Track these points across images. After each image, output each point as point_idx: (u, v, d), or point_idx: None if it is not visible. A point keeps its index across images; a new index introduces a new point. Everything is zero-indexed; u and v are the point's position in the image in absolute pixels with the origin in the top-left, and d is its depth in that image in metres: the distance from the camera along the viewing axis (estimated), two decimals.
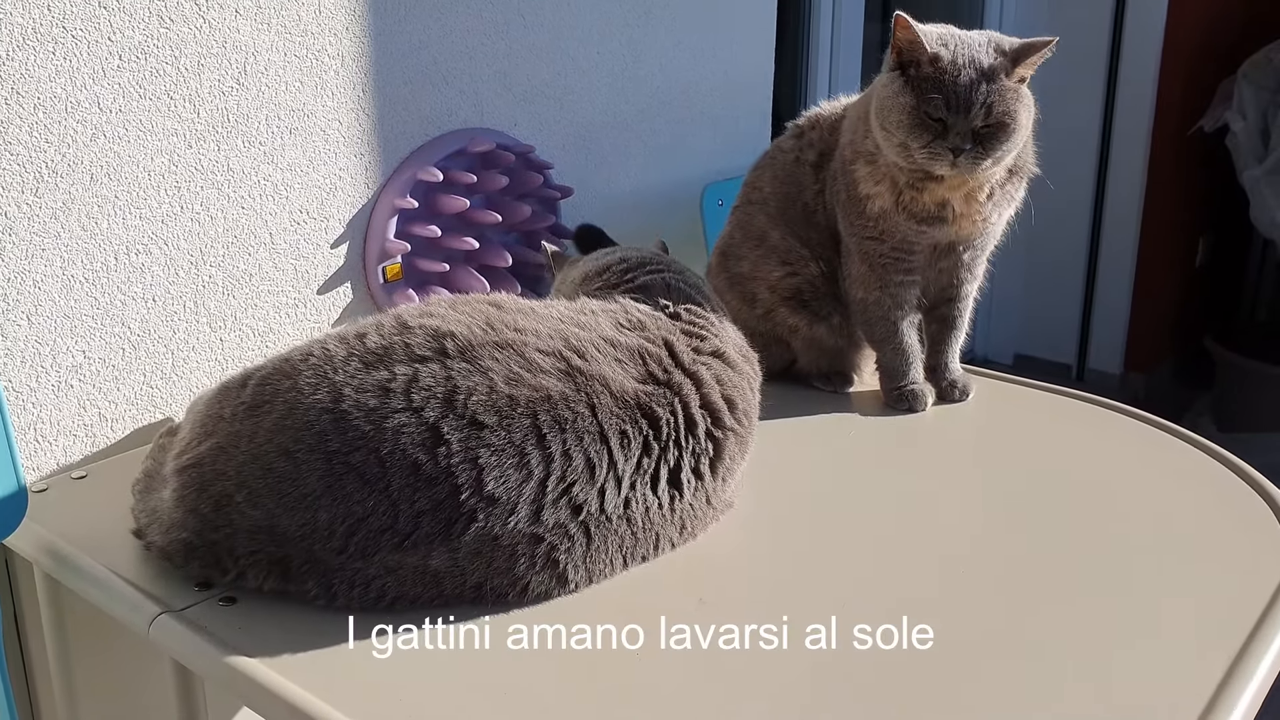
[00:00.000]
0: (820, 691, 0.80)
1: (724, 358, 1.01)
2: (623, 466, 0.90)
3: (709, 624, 0.88)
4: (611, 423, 0.90)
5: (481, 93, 1.50)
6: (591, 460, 0.88)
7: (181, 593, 0.89)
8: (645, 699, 0.79)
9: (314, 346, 0.92)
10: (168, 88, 1.17)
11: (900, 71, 1.14)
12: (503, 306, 0.97)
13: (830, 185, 1.27)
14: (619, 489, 0.90)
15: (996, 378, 1.38)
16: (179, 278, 1.22)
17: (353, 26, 1.33)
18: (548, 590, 0.88)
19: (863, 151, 1.21)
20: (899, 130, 1.14)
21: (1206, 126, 3.26)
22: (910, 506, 1.08)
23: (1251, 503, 1.07)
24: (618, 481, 0.90)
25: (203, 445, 0.90)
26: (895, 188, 1.20)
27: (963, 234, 1.21)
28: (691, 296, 1.07)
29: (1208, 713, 0.75)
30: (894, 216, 1.21)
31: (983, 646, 0.85)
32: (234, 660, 0.81)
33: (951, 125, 1.12)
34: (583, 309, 1.00)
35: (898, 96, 1.13)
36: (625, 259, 1.12)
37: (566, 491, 0.87)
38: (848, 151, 1.24)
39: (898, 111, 1.13)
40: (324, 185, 1.34)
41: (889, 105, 1.14)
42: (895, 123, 1.14)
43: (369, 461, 0.84)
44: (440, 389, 0.86)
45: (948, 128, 1.12)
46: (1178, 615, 0.89)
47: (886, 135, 1.15)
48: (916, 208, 1.19)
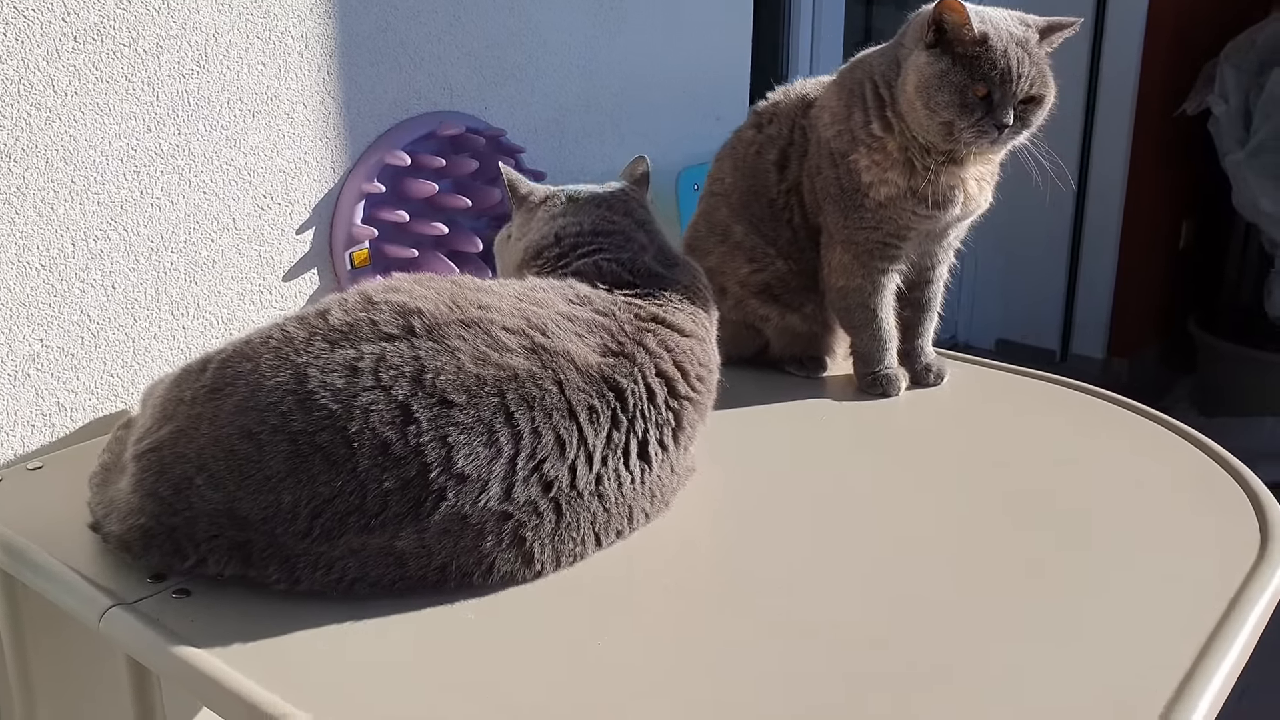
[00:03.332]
0: (783, 677, 0.78)
1: (668, 324, 0.99)
2: (593, 441, 0.89)
3: (672, 611, 0.87)
4: (579, 398, 0.89)
5: (451, 75, 1.48)
6: (561, 437, 0.88)
7: (135, 586, 0.87)
8: (607, 689, 0.78)
9: (274, 329, 0.90)
10: (125, 70, 1.15)
11: (941, 49, 1.12)
12: (462, 284, 0.96)
13: (810, 180, 1.25)
14: (590, 465, 0.89)
15: (971, 362, 1.37)
16: (139, 264, 1.20)
17: (317, 8, 1.30)
18: (513, 571, 0.87)
19: (862, 139, 1.18)
20: (947, 109, 1.11)
21: (1189, 110, 3.25)
22: (880, 491, 1.07)
23: (1227, 487, 1.06)
24: (589, 457, 0.89)
25: (162, 429, 0.89)
26: (910, 173, 1.17)
27: (965, 215, 1.20)
28: (625, 278, 1.04)
29: (1176, 698, 0.74)
30: (901, 203, 1.18)
31: (946, 631, 0.84)
32: (181, 652, 0.79)
33: (999, 102, 1.11)
34: (534, 287, 0.99)
35: (946, 75, 1.10)
36: (561, 238, 1.09)
37: (538, 468, 0.86)
38: (839, 143, 1.21)
39: (948, 91, 1.10)
40: (288, 170, 1.32)
41: (935, 84, 1.11)
42: (944, 102, 1.11)
43: (336, 441, 0.83)
44: (409, 368, 0.85)
45: (994, 104, 1.11)
46: (1149, 599, 0.88)
47: (930, 114, 1.12)
48: (930, 191, 1.17)
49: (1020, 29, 1.12)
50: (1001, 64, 1.10)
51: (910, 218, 1.19)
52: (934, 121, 1.12)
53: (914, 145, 1.16)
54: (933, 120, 1.12)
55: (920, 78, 1.12)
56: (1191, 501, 1.05)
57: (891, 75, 1.16)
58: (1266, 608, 0.86)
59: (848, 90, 1.20)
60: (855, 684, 0.78)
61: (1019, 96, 1.11)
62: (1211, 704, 0.75)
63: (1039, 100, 1.14)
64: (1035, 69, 1.12)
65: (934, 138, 1.14)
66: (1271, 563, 0.91)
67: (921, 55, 1.12)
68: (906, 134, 1.15)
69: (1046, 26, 1.14)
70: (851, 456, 1.15)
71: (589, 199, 1.12)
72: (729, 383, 1.26)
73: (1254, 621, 0.84)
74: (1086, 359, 3.76)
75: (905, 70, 1.14)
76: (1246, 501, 1.02)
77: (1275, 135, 2.99)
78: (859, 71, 1.20)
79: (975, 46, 1.10)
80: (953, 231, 1.25)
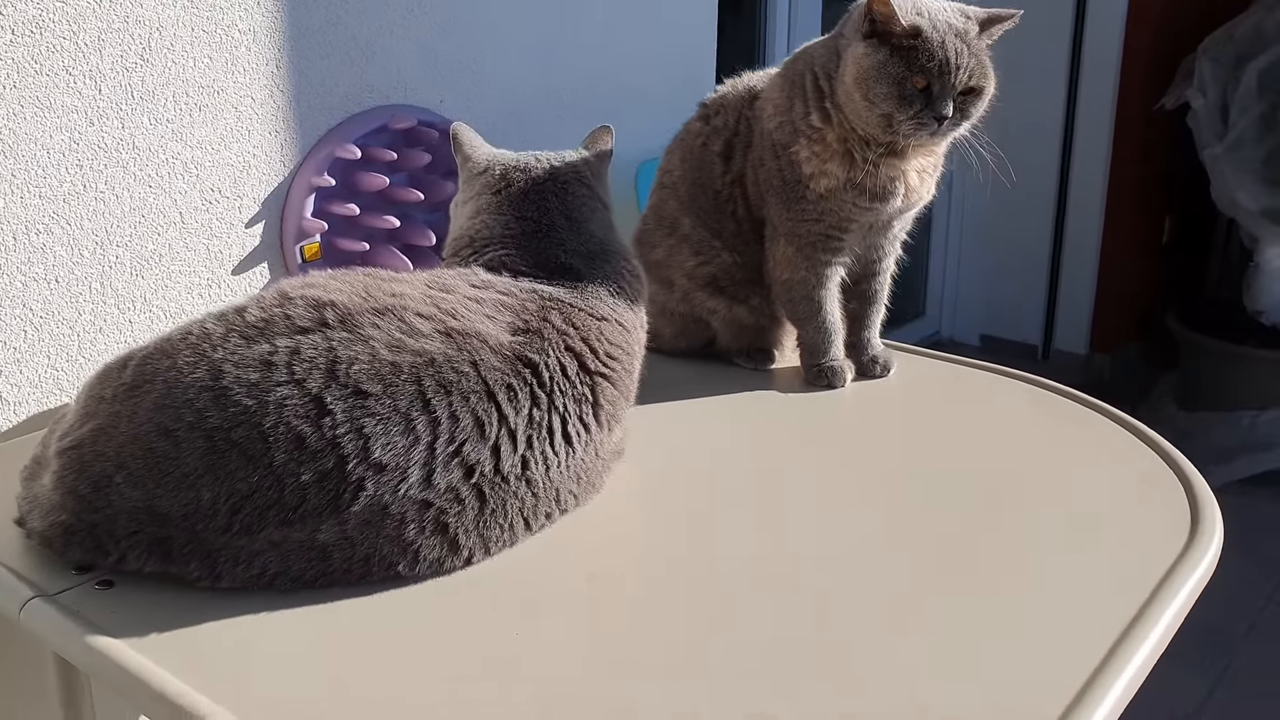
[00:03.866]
0: (703, 668, 0.78)
1: (570, 304, 0.99)
2: (514, 420, 0.89)
3: (596, 601, 0.87)
4: (496, 378, 0.89)
5: (405, 69, 1.48)
6: (481, 419, 0.88)
7: (58, 578, 0.87)
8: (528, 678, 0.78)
9: (193, 325, 0.91)
10: (66, 64, 1.15)
11: (878, 40, 1.11)
12: (377, 275, 0.96)
13: (753, 172, 1.25)
14: (515, 447, 0.89)
15: (920, 354, 1.37)
16: (84, 258, 1.20)
17: (265, 1, 1.30)
18: (439, 558, 0.87)
19: (803, 130, 1.18)
20: (886, 101, 1.10)
21: (1168, 104, 3.25)
22: (815, 479, 1.07)
23: (1165, 479, 1.06)
24: (512, 438, 0.89)
25: (84, 427, 0.89)
26: (850, 164, 1.17)
27: (907, 207, 1.20)
28: (525, 270, 1.03)
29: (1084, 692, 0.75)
30: (842, 195, 1.18)
31: (857, 621, 0.84)
32: (97, 643, 0.79)
33: (938, 94, 1.11)
34: (439, 274, 1.00)
35: (884, 67, 1.10)
36: (474, 239, 1.08)
37: (457, 453, 0.86)
38: (780, 134, 1.20)
39: (886, 82, 1.10)
40: (237, 163, 1.32)
41: (874, 76, 1.10)
42: (882, 94, 1.10)
43: (251, 437, 0.83)
44: (323, 359, 0.85)
45: (933, 96, 1.10)
46: (1071, 589, 0.88)
47: (869, 106, 1.12)
48: (870, 183, 1.17)
49: (960, 20, 1.12)
50: (939, 56, 1.09)
51: (851, 209, 1.19)
52: (873, 113, 1.12)
53: (853, 137, 1.15)
54: (871, 112, 1.12)
55: (858, 69, 1.11)
56: (1128, 492, 1.05)
57: (831, 66, 1.16)
58: (1186, 601, 0.87)
59: (790, 81, 1.20)
60: (749, 673, 0.78)
61: (958, 88, 1.11)
62: (1123, 692, 0.76)
63: (978, 92, 1.14)
64: (974, 60, 1.11)
65: (873, 129, 1.13)
66: (1194, 557, 0.91)
67: (859, 46, 1.12)
68: (846, 125, 1.15)
69: (986, 19, 1.13)
70: (790, 446, 1.15)
71: (517, 194, 1.09)
72: (676, 373, 1.26)
73: (1172, 613, 0.84)
74: (1069, 354, 3.76)
75: (844, 61, 1.13)
76: (1183, 493, 1.02)
77: (1252, 129, 2.99)
78: (801, 63, 1.20)
79: (909, 39, 1.09)
80: (897, 224, 1.25)
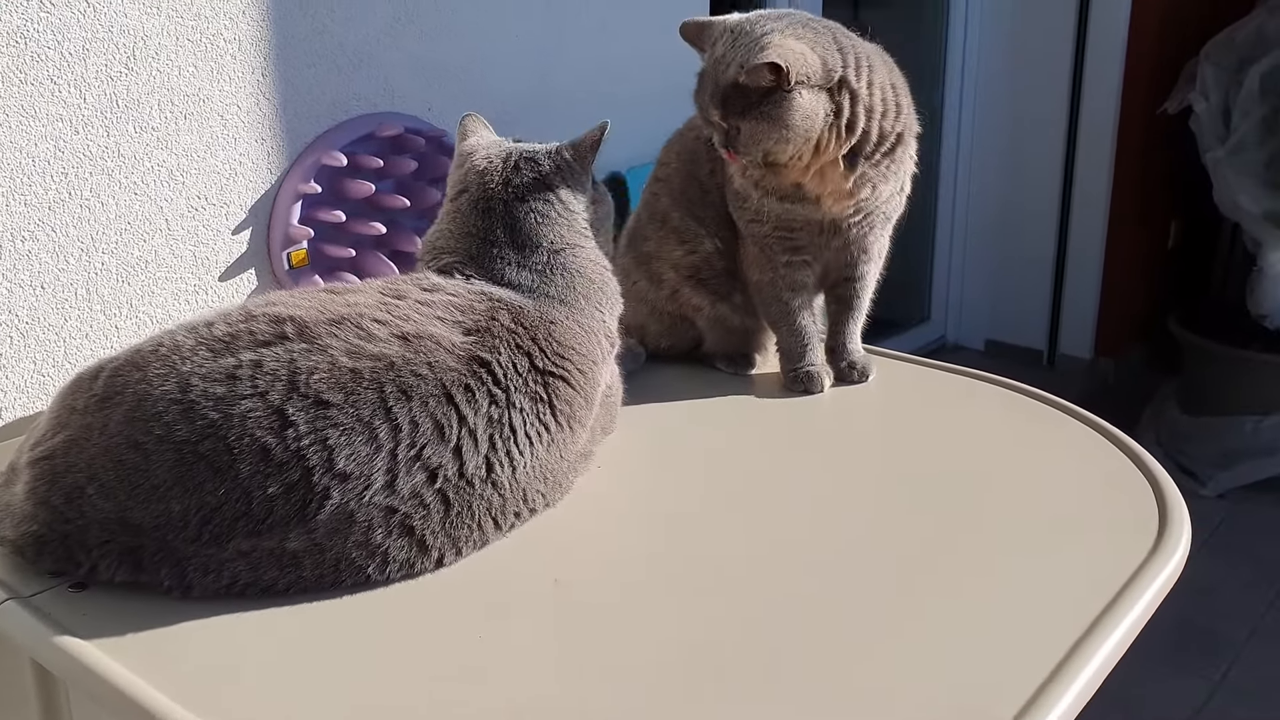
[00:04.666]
0: (669, 672, 0.79)
1: (513, 305, 0.99)
2: (474, 420, 0.90)
3: (561, 605, 0.88)
4: (452, 378, 0.90)
5: (392, 77, 1.49)
6: (440, 422, 0.88)
7: (32, 580, 0.88)
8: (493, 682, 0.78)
9: (165, 337, 0.92)
10: (50, 73, 1.16)
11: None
12: (334, 290, 0.98)
13: (723, 167, 1.26)
14: (477, 447, 0.90)
15: (901, 359, 1.37)
16: (69, 264, 1.21)
17: (250, 10, 1.32)
18: (409, 559, 0.88)
19: None
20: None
21: (1170, 108, 3.24)
22: (792, 486, 1.07)
23: (1134, 481, 1.05)
24: (473, 438, 0.90)
25: (56, 437, 0.90)
26: (744, 167, 1.19)
27: (835, 211, 1.19)
28: (476, 277, 1.03)
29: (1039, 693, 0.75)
30: (755, 195, 1.20)
31: (831, 627, 0.84)
32: (66, 644, 0.80)
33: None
34: (394, 280, 1.01)
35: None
36: (434, 246, 1.08)
37: (418, 457, 0.87)
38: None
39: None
40: (223, 171, 1.33)
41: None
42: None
43: (218, 450, 0.84)
44: (283, 371, 0.86)
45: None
46: (1037, 592, 0.88)
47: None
48: (771, 186, 1.18)
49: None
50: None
51: (778, 210, 1.20)
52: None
53: None
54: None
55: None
56: (1099, 498, 1.05)
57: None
58: (1151, 601, 0.87)
59: None
60: (715, 676, 0.78)
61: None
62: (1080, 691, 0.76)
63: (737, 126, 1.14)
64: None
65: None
66: (1161, 558, 0.91)
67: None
68: None
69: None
70: (766, 451, 1.16)
71: (467, 205, 1.07)
72: (657, 378, 1.27)
73: (1136, 614, 0.84)
74: (1074, 359, 3.75)
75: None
76: (1153, 499, 1.02)
77: (1254, 132, 2.98)
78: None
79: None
80: (853, 228, 1.23)
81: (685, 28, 1.19)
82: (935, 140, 3.62)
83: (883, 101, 1.14)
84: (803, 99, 1.09)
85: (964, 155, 3.74)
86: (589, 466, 1.04)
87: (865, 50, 1.15)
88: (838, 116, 1.12)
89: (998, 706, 0.74)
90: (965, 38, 3.59)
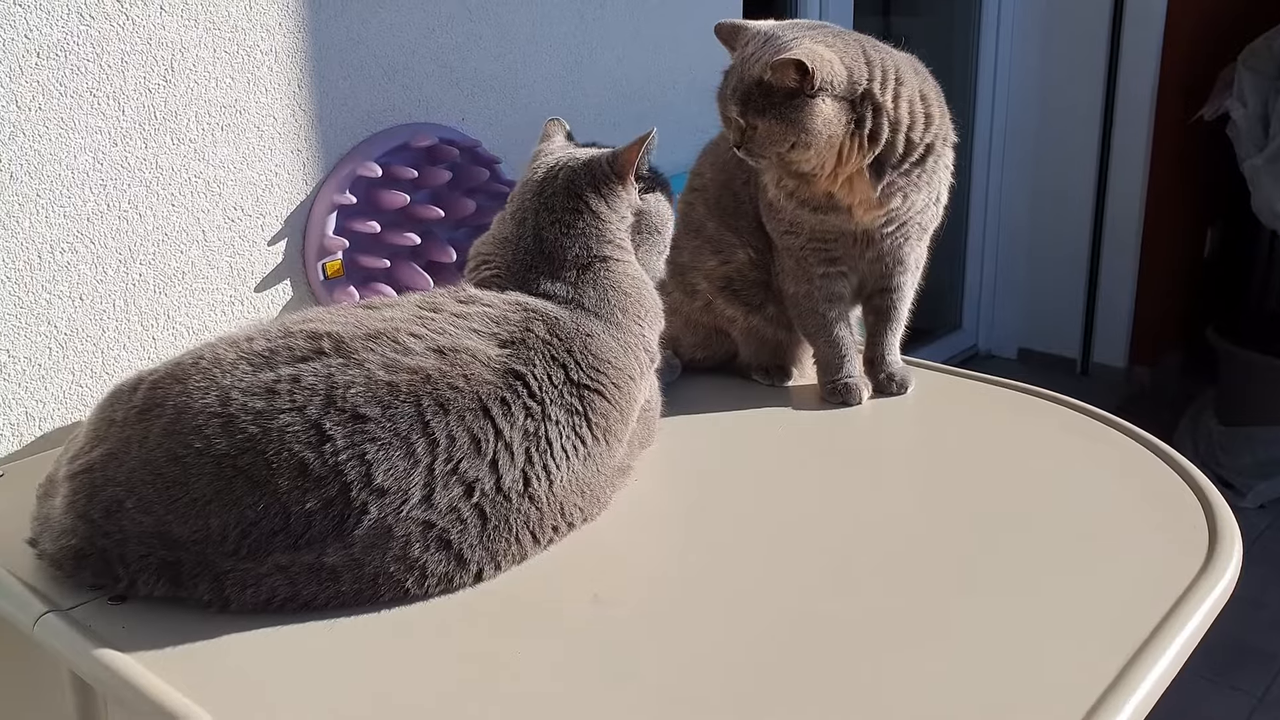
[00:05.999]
0: (711, 693, 0.78)
1: (550, 316, 0.98)
2: (509, 434, 0.90)
3: (602, 621, 0.87)
4: (488, 391, 0.90)
5: (426, 87, 1.49)
6: (476, 435, 0.88)
7: (72, 593, 0.88)
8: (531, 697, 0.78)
9: (205, 350, 0.92)
10: (90, 85, 1.17)
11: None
12: (371, 305, 0.98)
13: (757, 177, 1.25)
14: (513, 460, 0.89)
15: (938, 370, 1.35)
16: (107, 276, 1.22)
17: (285, 22, 1.32)
18: (447, 573, 0.87)
19: None
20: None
21: (1207, 115, 3.20)
22: (833, 500, 1.06)
23: (1185, 500, 1.03)
24: (509, 452, 0.89)
25: (94, 451, 0.90)
26: (778, 177, 1.18)
27: (865, 221, 1.18)
28: (512, 288, 1.03)
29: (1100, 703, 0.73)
30: (789, 206, 1.20)
31: (877, 644, 0.83)
32: (106, 657, 0.80)
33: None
34: (431, 294, 1.01)
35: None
36: (479, 253, 1.09)
37: (455, 470, 0.87)
38: None
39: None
40: (259, 182, 1.33)
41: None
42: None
43: (257, 464, 0.84)
44: (321, 386, 0.86)
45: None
46: (1086, 610, 0.87)
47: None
48: (805, 196, 1.17)
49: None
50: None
51: (811, 221, 1.19)
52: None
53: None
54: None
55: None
56: (1147, 511, 1.03)
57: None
58: (1202, 621, 0.85)
59: None
60: (781, 684, 0.77)
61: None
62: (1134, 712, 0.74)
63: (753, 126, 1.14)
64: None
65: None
66: (1211, 577, 0.89)
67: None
68: None
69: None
70: (805, 464, 1.14)
71: (509, 216, 1.09)
72: (693, 391, 1.26)
73: (1187, 633, 0.83)
74: (1108, 368, 3.71)
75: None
76: (1201, 514, 1.00)
77: None
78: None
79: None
80: (890, 240, 1.22)
81: (720, 28, 1.19)
82: (967, 148, 3.60)
83: (910, 113, 1.13)
84: (824, 106, 1.09)
85: (995, 162, 3.72)
86: (627, 481, 1.03)
87: (896, 61, 1.14)
88: (859, 126, 1.11)
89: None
90: (997, 45, 3.57)
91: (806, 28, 1.14)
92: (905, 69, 1.14)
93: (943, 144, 1.18)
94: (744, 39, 1.16)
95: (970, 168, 3.66)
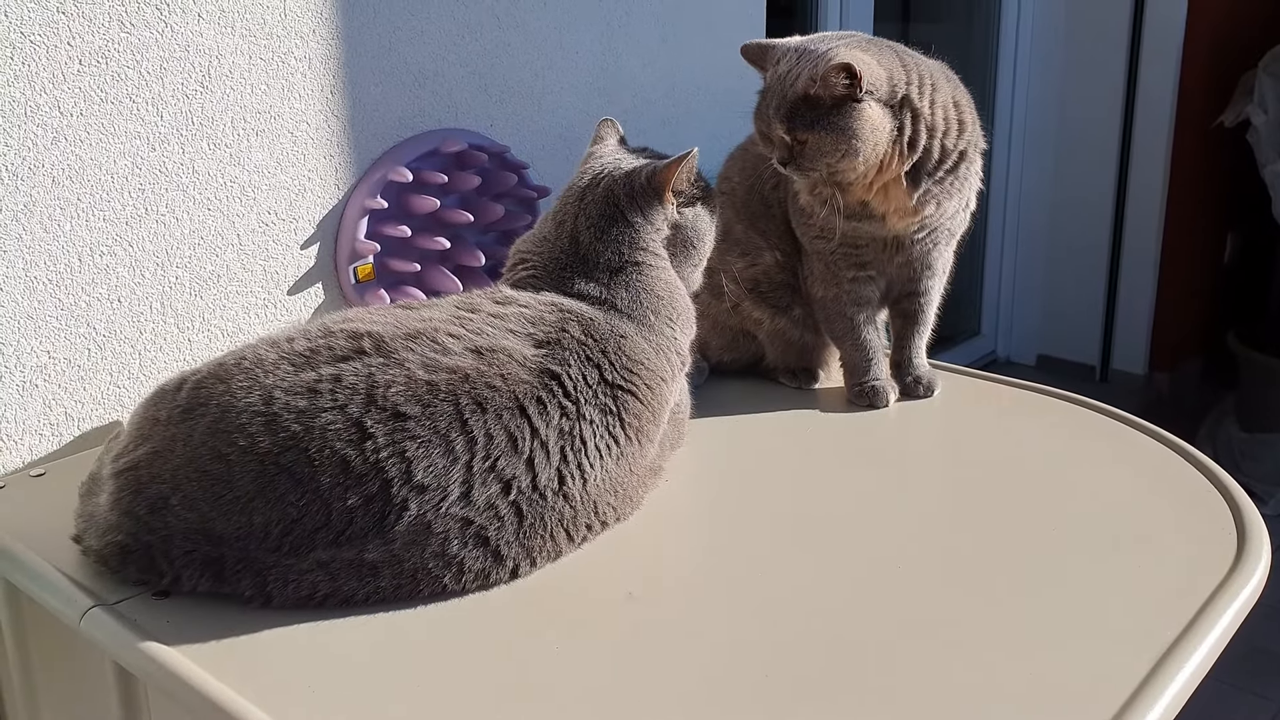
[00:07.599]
0: (748, 682, 0.79)
1: (585, 317, 1.00)
2: (545, 433, 0.91)
3: (637, 619, 0.88)
4: (525, 391, 0.91)
5: (455, 93, 1.51)
6: (513, 434, 0.90)
7: (117, 587, 0.90)
8: (567, 696, 0.79)
9: (247, 350, 0.94)
10: (129, 91, 1.19)
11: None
12: (410, 306, 1.01)
13: (786, 182, 1.26)
14: (549, 459, 0.91)
15: (964, 373, 1.36)
16: (145, 279, 1.24)
17: (320, 29, 1.34)
18: (484, 569, 0.89)
19: None
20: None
21: (1227, 121, 3.20)
22: (853, 498, 1.07)
23: (1213, 503, 1.04)
24: (545, 450, 0.91)
25: (139, 449, 0.92)
26: (813, 184, 1.19)
27: (900, 228, 1.19)
28: (547, 289, 1.05)
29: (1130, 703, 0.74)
30: (822, 213, 1.20)
31: (905, 646, 0.84)
32: (152, 650, 0.82)
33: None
34: (467, 296, 1.03)
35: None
36: (518, 250, 1.12)
37: (493, 468, 0.88)
38: None
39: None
40: (292, 187, 1.35)
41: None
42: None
43: (299, 461, 0.86)
44: (362, 385, 0.88)
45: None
46: (1113, 613, 0.87)
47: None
48: (840, 204, 1.18)
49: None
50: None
51: (844, 227, 1.20)
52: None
53: None
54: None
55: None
56: (1176, 515, 1.04)
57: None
58: (1229, 625, 0.86)
59: None
60: (813, 681, 0.78)
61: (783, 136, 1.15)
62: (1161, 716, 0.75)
63: (802, 142, 1.15)
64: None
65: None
66: (1239, 581, 0.90)
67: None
68: None
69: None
70: (833, 466, 1.16)
71: (548, 219, 1.12)
72: (721, 393, 1.27)
73: (1214, 638, 0.83)
74: (1127, 374, 3.71)
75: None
76: (1230, 518, 1.01)
77: None
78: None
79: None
80: (920, 245, 1.23)
81: (747, 49, 1.20)
82: (986, 154, 3.60)
83: (945, 120, 1.14)
84: (872, 110, 1.10)
85: (1015, 168, 3.72)
86: (658, 481, 1.05)
87: (928, 67, 1.15)
88: (900, 134, 1.12)
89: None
90: (1016, 50, 3.57)
91: (836, 38, 1.15)
92: (938, 75, 1.15)
93: (974, 150, 1.19)
94: (774, 57, 1.16)
95: (990, 174, 3.64)
